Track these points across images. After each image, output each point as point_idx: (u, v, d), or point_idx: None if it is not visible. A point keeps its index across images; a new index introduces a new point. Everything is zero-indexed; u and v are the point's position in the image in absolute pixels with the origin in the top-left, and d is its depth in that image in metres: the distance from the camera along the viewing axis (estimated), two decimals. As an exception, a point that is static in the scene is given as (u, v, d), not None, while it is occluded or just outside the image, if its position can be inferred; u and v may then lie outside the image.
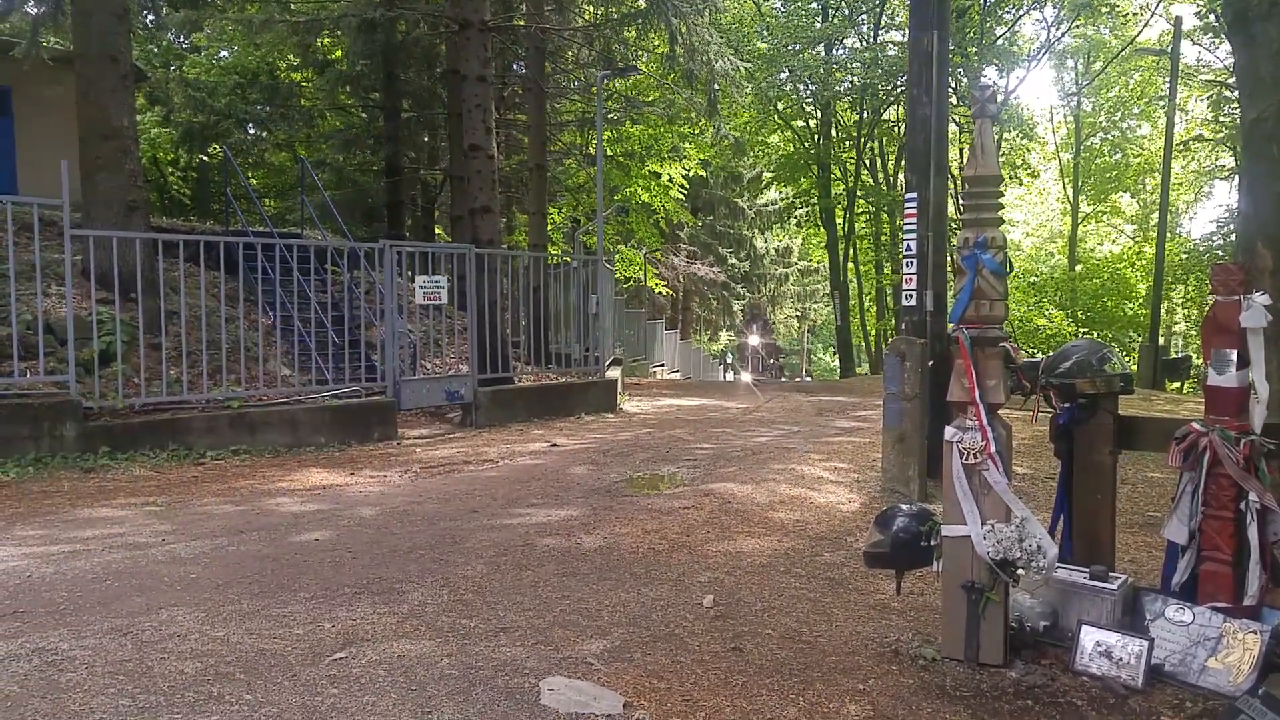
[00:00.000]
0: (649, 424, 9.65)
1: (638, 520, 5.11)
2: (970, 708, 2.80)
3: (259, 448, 7.46)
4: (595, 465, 6.93)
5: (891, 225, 21.67)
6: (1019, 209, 33.52)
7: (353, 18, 11.47)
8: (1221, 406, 3.05)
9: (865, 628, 3.48)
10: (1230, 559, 3.01)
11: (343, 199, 17.59)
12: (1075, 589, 3.25)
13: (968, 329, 3.09)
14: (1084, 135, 28.04)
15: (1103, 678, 2.95)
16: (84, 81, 8.53)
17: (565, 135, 19.23)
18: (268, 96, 16.40)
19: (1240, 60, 4.96)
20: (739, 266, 31.64)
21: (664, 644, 3.25)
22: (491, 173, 10.65)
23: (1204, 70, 23.80)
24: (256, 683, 2.85)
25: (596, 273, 11.49)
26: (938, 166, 6.06)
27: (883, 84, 19.43)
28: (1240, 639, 2.90)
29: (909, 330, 6.00)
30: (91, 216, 8.41)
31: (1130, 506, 5.47)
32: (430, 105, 17.66)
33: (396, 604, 3.63)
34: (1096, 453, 3.46)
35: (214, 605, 3.61)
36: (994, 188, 3.17)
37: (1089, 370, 3.39)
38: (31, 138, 12.38)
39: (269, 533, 4.90)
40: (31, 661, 3.00)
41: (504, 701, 2.73)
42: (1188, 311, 28.27)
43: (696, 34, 11.15)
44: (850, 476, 6.39)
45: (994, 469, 3.01)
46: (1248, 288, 2.99)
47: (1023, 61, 22.95)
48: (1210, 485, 3.03)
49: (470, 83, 10.48)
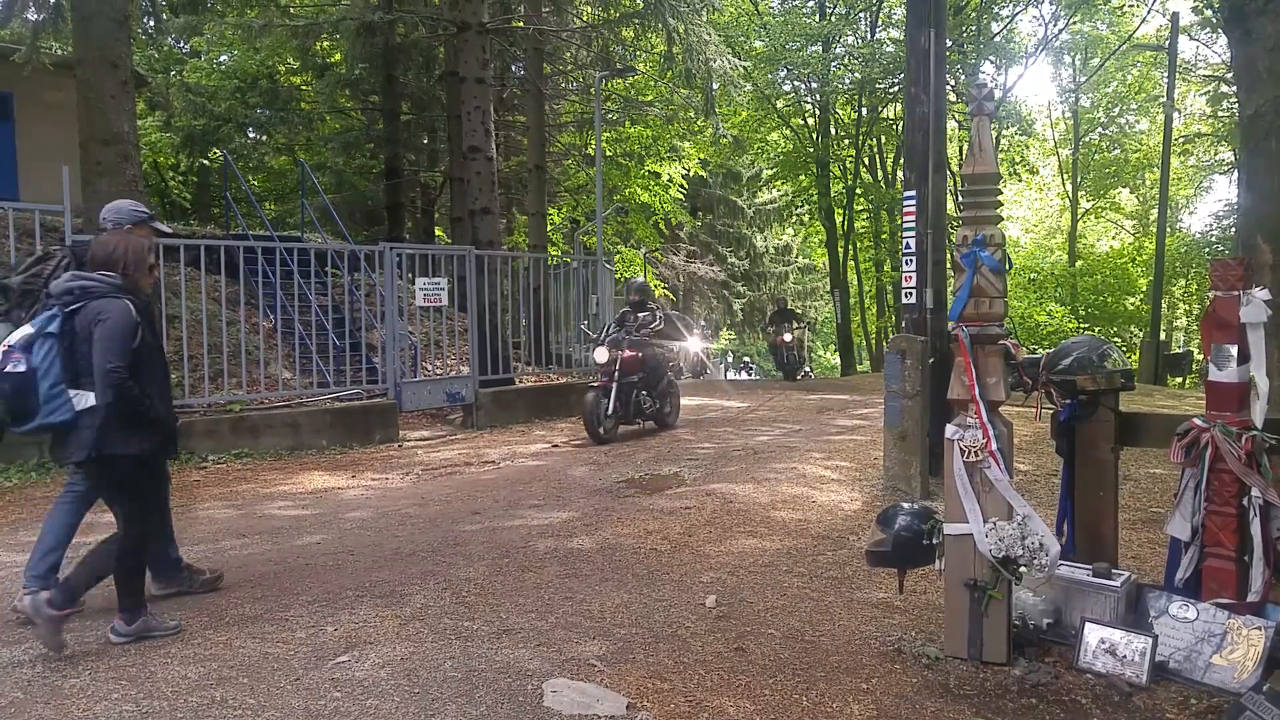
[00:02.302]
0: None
1: (639, 521, 5.11)
2: (974, 706, 2.79)
3: (261, 451, 7.46)
4: (597, 466, 6.93)
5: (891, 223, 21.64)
6: (1018, 205, 33.48)
7: (351, 21, 11.48)
8: (1223, 402, 3.04)
9: (868, 627, 3.48)
10: (1234, 555, 3.01)
11: (343, 202, 17.60)
12: (1078, 586, 3.25)
13: (967, 326, 3.09)
14: (1082, 131, 27.98)
15: (1107, 675, 2.95)
16: (84, 87, 8.53)
17: (564, 136, 19.22)
18: (267, 100, 16.41)
19: (1237, 55, 4.95)
20: (739, 265, 31.61)
21: (667, 644, 3.25)
22: (491, 174, 10.65)
23: (1202, 65, 23.78)
24: (259, 687, 2.85)
25: (597, 273, 11.49)
26: (936, 164, 6.06)
27: (881, 81, 19.41)
28: (1245, 635, 2.90)
29: (909, 328, 6.00)
30: (92, 222, 8.42)
31: (1133, 503, 5.47)
32: (429, 107, 17.66)
33: (399, 606, 3.64)
34: (1098, 449, 3.45)
35: (216, 609, 3.61)
36: (992, 185, 3.17)
37: (1089, 367, 3.39)
38: (33, 143, 12.39)
39: (271, 536, 4.90)
40: (35, 667, 3.00)
41: (507, 703, 2.73)
42: (1189, 307, 28.25)
43: (694, 34, 11.13)
44: (852, 475, 6.39)
45: (995, 466, 3.01)
46: (1247, 283, 2.98)
47: (1020, 58, 22.91)
48: (1213, 481, 3.03)
49: (469, 85, 10.49)
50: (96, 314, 3.05)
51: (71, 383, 3.05)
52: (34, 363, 2.98)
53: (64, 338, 3.05)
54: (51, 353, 3.01)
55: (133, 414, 3.08)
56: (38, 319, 3.12)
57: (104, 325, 3.03)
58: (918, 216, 5.92)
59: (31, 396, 2.98)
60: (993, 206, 3.16)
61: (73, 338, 3.06)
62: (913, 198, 5.96)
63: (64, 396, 3.02)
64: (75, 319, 3.08)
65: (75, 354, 3.06)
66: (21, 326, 3.16)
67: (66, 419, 3.03)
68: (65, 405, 3.02)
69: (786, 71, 20.73)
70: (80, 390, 3.05)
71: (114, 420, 3.04)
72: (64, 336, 3.05)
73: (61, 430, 3.07)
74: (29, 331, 3.06)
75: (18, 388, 2.96)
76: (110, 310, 3.06)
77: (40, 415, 3.00)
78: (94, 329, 3.03)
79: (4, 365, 2.96)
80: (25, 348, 3.01)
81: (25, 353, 3.00)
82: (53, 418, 3.01)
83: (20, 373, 2.96)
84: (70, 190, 6.90)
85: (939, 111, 6.18)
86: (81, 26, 8.65)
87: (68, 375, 3.04)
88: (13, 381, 2.95)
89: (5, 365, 2.96)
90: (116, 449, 3.09)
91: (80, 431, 3.05)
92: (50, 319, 3.07)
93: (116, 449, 3.09)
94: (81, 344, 3.05)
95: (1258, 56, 4.58)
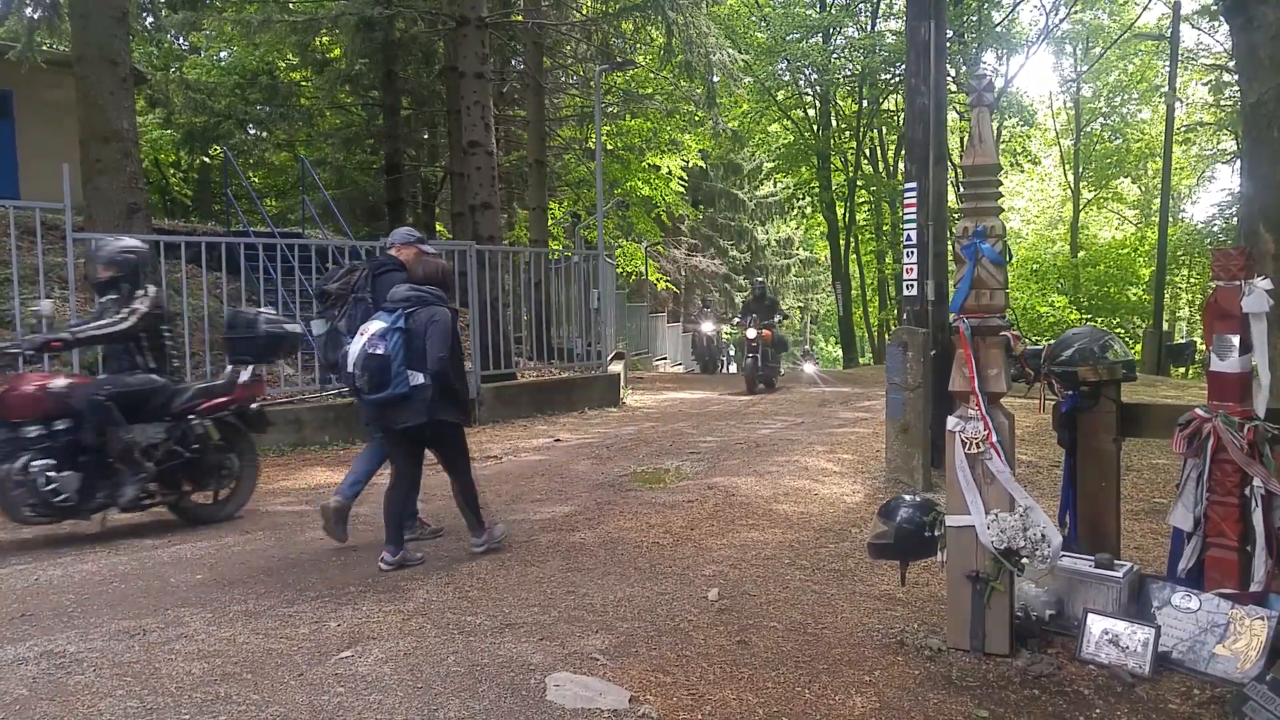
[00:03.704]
0: (652, 418, 9.65)
1: (642, 514, 5.11)
2: (977, 697, 2.79)
3: (263, 447, 7.43)
4: (599, 460, 6.94)
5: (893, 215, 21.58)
6: (1020, 196, 33.37)
7: (351, 16, 11.42)
8: (1225, 392, 3.03)
9: (870, 619, 3.48)
10: (1236, 545, 3.00)
11: (343, 197, 17.61)
12: (1081, 577, 3.25)
13: (968, 318, 3.08)
14: (1084, 121, 27.88)
15: (1110, 666, 2.95)
16: (84, 84, 8.53)
17: (565, 130, 19.18)
18: (267, 96, 16.38)
19: (1239, 43, 4.92)
20: (740, 258, 31.60)
21: (669, 638, 3.26)
22: (491, 169, 10.63)
23: (1204, 53, 23.66)
24: (263, 682, 2.86)
25: (598, 267, 11.47)
26: (937, 156, 6.04)
27: (881, 72, 19.34)
28: (1248, 625, 2.90)
29: (911, 320, 5.99)
30: (93, 219, 8.42)
31: (1135, 493, 5.46)
32: (429, 102, 17.62)
33: (402, 601, 3.65)
34: (1100, 440, 3.45)
35: (220, 605, 3.62)
36: (993, 176, 3.15)
37: (1091, 357, 3.38)
38: (33, 141, 12.38)
39: (274, 532, 4.91)
40: (40, 664, 3.01)
41: (510, 698, 2.74)
42: (1192, 297, 28.17)
43: (694, 26, 11.09)
44: (854, 467, 6.39)
45: (997, 458, 3.00)
46: (1249, 272, 2.97)
47: (1021, 47, 22.83)
48: (1215, 471, 3.02)
49: (469, 79, 10.46)
50: (430, 317, 4.02)
51: (408, 365, 3.96)
52: (387, 349, 3.93)
53: (405, 332, 3.99)
54: (399, 342, 3.96)
55: (450, 391, 4.07)
56: (385, 315, 4.04)
57: (436, 326, 4.00)
58: (919, 208, 5.90)
59: (385, 373, 3.92)
60: (993, 198, 3.15)
61: (409, 333, 3.99)
62: (913, 189, 5.94)
63: (405, 375, 3.95)
64: (412, 319, 4.01)
65: (411, 345, 3.98)
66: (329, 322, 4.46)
67: (405, 391, 3.96)
68: (405, 381, 3.96)
69: (787, 63, 20.66)
70: (414, 371, 3.96)
71: (439, 395, 4.01)
72: (405, 332, 3.99)
73: (399, 400, 3.97)
74: (383, 326, 3.99)
75: (380, 366, 3.92)
76: (440, 316, 4.05)
77: (390, 388, 3.93)
78: (428, 328, 3.98)
79: (370, 349, 3.94)
80: (381, 337, 3.96)
81: (382, 341, 3.95)
82: (397, 390, 3.94)
83: (381, 355, 3.93)
84: (70, 188, 6.90)
85: (939, 103, 6.16)
86: (80, 23, 8.64)
87: (406, 360, 3.96)
88: (377, 362, 3.92)
89: (371, 349, 3.94)
90: (444, 415, 4.09)
91: (414, 402, 3.99)
92: (398, 318, 4.01)
93: (444, 415, 4.09)
94: (415, 339, 3.98)
95: (1260, 44, 4.55)
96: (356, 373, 3.98)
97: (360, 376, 3.95)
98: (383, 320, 4.02)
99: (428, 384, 3.95)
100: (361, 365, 3.95)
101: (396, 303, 4.08)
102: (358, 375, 3.97)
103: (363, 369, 3.94)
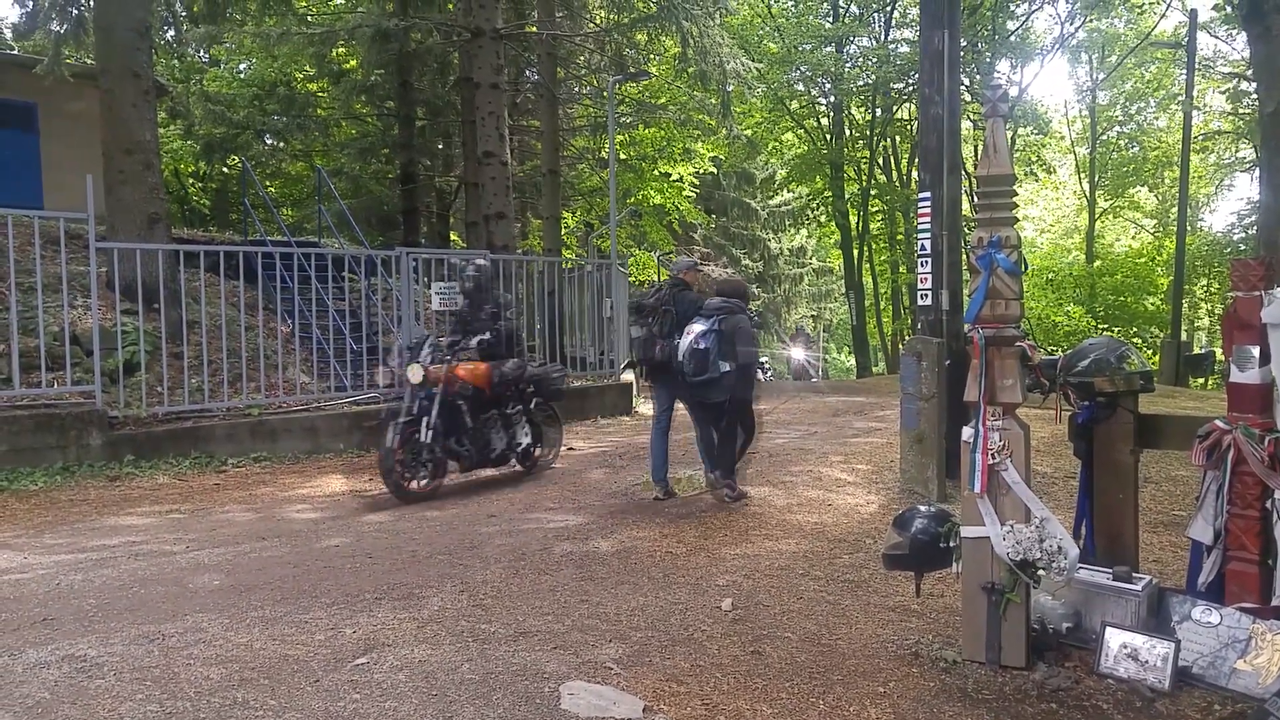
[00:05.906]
0: (665, 427, 9.63)
1: (655, 524, 5.11)
2: (993, 710, 2.77)
3: (279, 454, 7.53)
4: (612, 469, 6.94)
5: (906, 224, 21.52)
6: (1035, 205, 33.17)
7: (367, 28, 11.57)
8: (1245, 403, 3.01)
9: (885, 630, 3.46)
10: (1257, 558, 2.97)
11: (359, 207, 17.73)
12: (1099, 590, 3.22)
13: (983, 329, 3.07)
14: (1100, 129, 27.69)
15: (1128, 680, 2.92)
16: (107, 96, 8.67)
17: (578, 140, 19.28)
18: (285, 107, 16.56)
19: (1257, 52, 4.90)
20: (753, 267, 31.55)
21: (683, 648, 3.26)
22: (505, 179, 10.71)
23: (1221, 62, 23.47)
24: (280, 688, 2.88)
25: (611, 276, 11.50)
26: (951, 165, 6.03)
27: (895, 82, 19.32)
28: (1269, 640, 2.86)
29: (925, 330, 5.97)
30: (115, 229, 8.55)
31: (1154, 506, 5.41)
32: (444, 113, 17.76)
33: (417, 609, 3.66)
34: (1117, 452, 3.42)
35: (238, 611, 3.65)
36: (1008, 186, 3.15)
37: (1107, 368, 3.36)
38: (57, 153, 12.57)
39: (290, 539, 4.95)
40: (61, 668, 3.05)
41: (524, 706, 2.75)
42: (1211, 306, 27.84)
43: (708, 36, 11.15)
44: (868, 478, 6.36)
45: (1012, 469, 2.99)
46: (1269, 283, 2.95)
47: (1036, 56, 22.73)
48: (1235, 484, 2.99)
49: (483, 90, 10.56)
50: (737, 323, 5.37)
51: (719, 358, 5.27)
52: (707, 344, 5.29)
53: (719, 333, 5.31)
54: (715, 341, 5.30)
55: (749, 377, 5.51)
56: (703, 320, 5.39)
57: (742, 330, 5.37)
58: (933, 218, 5.89)
59: (705, 362, 5.27)
60: (1008, 208, 3.14)
61: (721, 334, 5.31)
62: (928, 199, 5.94)
63: (718, 364, 5.28)
64: (724, 323, 5.33)
65: (721, 343, 5.30)
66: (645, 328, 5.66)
67: (717, 376, 5.29)
68: (717, 367, 5.28)
69: (800, 73, 20.68)
70: (724, 361, 5.27)
71: (743, 380, 5.41)
72: (719, 333, 5.31)
73: (713, 382, 5.30)
74: (702, 328, 5.34)
75: (702, 357, 5.28)
76: (745, 323, 5.45)
77: (708, 372, 5.26)
78: (737, 332, 5.32)
79: (696, 345, 5.30)
80: (703, 335, 5.32)
81: (703, 339, 5.30)
82: (711, 374, 5.28)
83: (703, 349, 5.29)
84: (94, 198, 7.01)
85: (953, 112, 6.15)
86: (103, 37, 8.79)
87: (719, 353, 5.28)
88: (701, 354, 5.28)
89: (697, 345, 5.30)
90: (742, 394, 5.51)
91: (721, 384, 5.31)
92: (714, 322, 5.35)
93: (742, 394, 5.51)
94: (725, 338, 5.30)
95: (1277, 53, 4.53)
96: (685, 361, 5.32)
97: (688, 364, 5.30)
98: (701, 324, 5.36)
99: (732, 370, 5.27)
100: (689, 356, 5.31)
101: (712, 311, 5.43)
102: (686, 363, 5.32)
103: (689, 359, 5.31)
